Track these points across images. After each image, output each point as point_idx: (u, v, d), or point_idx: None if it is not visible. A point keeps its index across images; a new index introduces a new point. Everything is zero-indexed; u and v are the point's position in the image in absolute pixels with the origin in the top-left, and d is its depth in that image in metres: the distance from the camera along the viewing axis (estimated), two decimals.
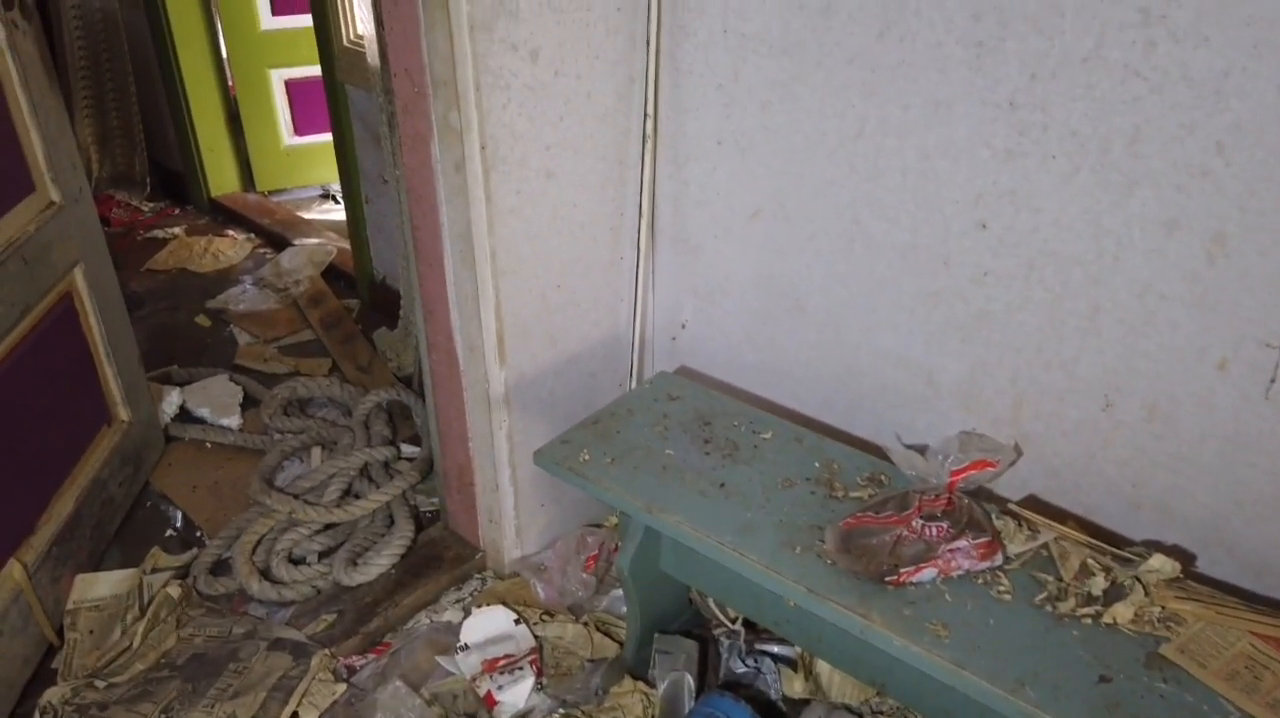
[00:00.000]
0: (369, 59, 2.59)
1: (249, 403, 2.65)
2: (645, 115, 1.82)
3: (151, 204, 4.02)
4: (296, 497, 2.16)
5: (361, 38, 2.71)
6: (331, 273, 3.42)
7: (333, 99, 2.90)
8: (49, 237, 1.90)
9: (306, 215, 3.94)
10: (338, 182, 4.15)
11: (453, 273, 1.77)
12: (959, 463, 1.42)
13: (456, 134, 1.59)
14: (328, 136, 3.98)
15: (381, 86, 1.90)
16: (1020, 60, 1.34)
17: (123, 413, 2.22)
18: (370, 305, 3.21)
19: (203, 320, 3.11)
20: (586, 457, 1.57)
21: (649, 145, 1.84)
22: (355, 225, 3.11)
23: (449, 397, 1.93)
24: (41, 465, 1.89)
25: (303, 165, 4.10)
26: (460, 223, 1.68)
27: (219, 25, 3.80)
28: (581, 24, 1.65)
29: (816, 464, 1.55)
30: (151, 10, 3.64)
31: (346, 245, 3.49)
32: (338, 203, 4.09)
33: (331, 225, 3.81)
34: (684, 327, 2.04)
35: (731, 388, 1.98)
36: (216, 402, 2.58)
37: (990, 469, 1.41)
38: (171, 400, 2.53)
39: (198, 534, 2.16)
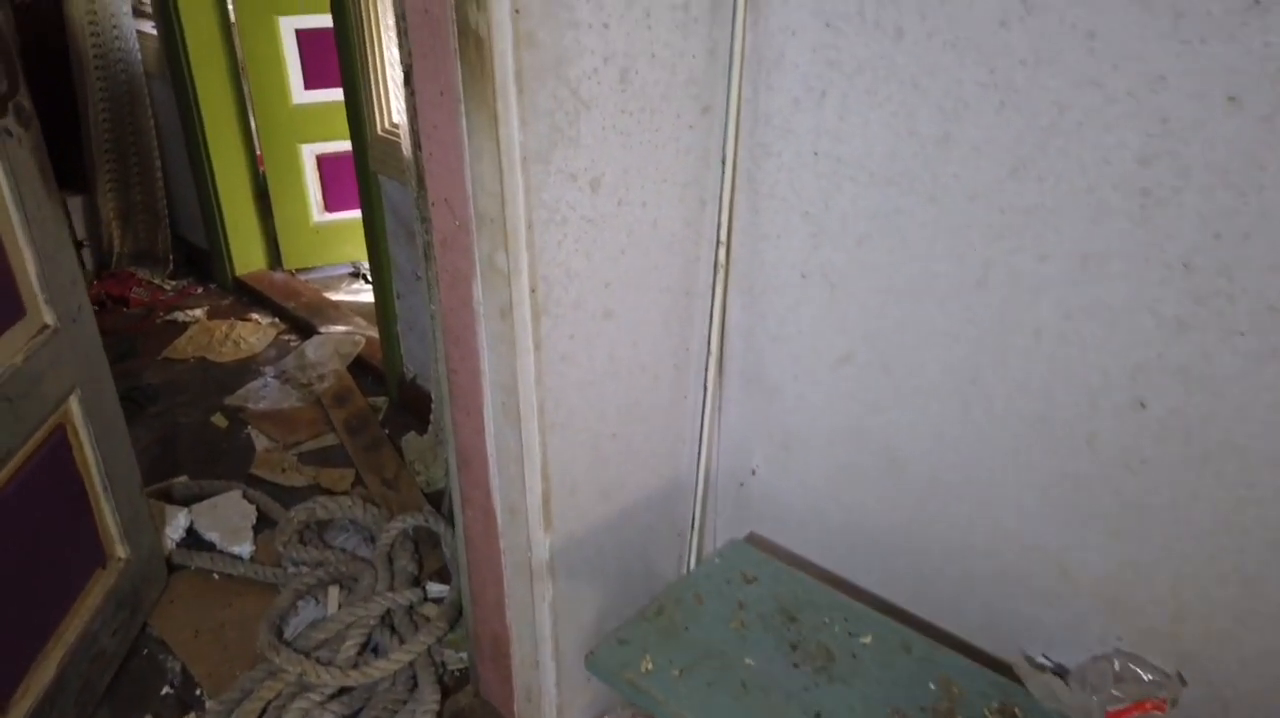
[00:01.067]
0: (404, 150, 2.38)
1: (264, 522, 2.42)
2: (718, 242, 1.58)
3: (174, 282, 3.85)
4: (309, 653, 1.90)
5: (397, 127, 2.51)
6: (359, 365, 3.20)
7: (365, 189, 2.70)
8: (40, 366, 1.69)
9: (334, 297, 3.74)
10: (367, 260, 3.99)
11: (493, 425, 1.52)
12: (1117, 703, 1.14)
13: (504, 277, 1.35)
14: (358, 213, 3.84)
15: (419, 215, 1.68)
16: (1201, 216, 1.08)
17: (120, 550, 1.99)
18: (399, 405, 2.98)
19: (219, 420, 2.90)
20: (649, 666, 1.30)
21: (721, 275, 1.60)
22: (385, 321, 2.89)
23: (484, 559, 1.68)
24: (20, 629, 1.66)
25: (332, 242, 3.91)
26: (504, 373, 1.44)
27: (249, 99, 3.64)
28: (650, 146, 1.42)
29: (931, 686, 1.27)
30: (179, 83, 3.49)
31: (375, 334, 3.28)
32: (368, 282, 3.89)
33: (360, 309, 3.60)
34: (754, 473, 1.78)
35: (810, 563, 1.71)
36: (227, 524, 2.34)
37: (1158, 714, 1.13)
38: (178, 524, 2.30)
39: (198, 693, 1.91)
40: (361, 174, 2.69)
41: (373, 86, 2.53)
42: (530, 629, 1.66)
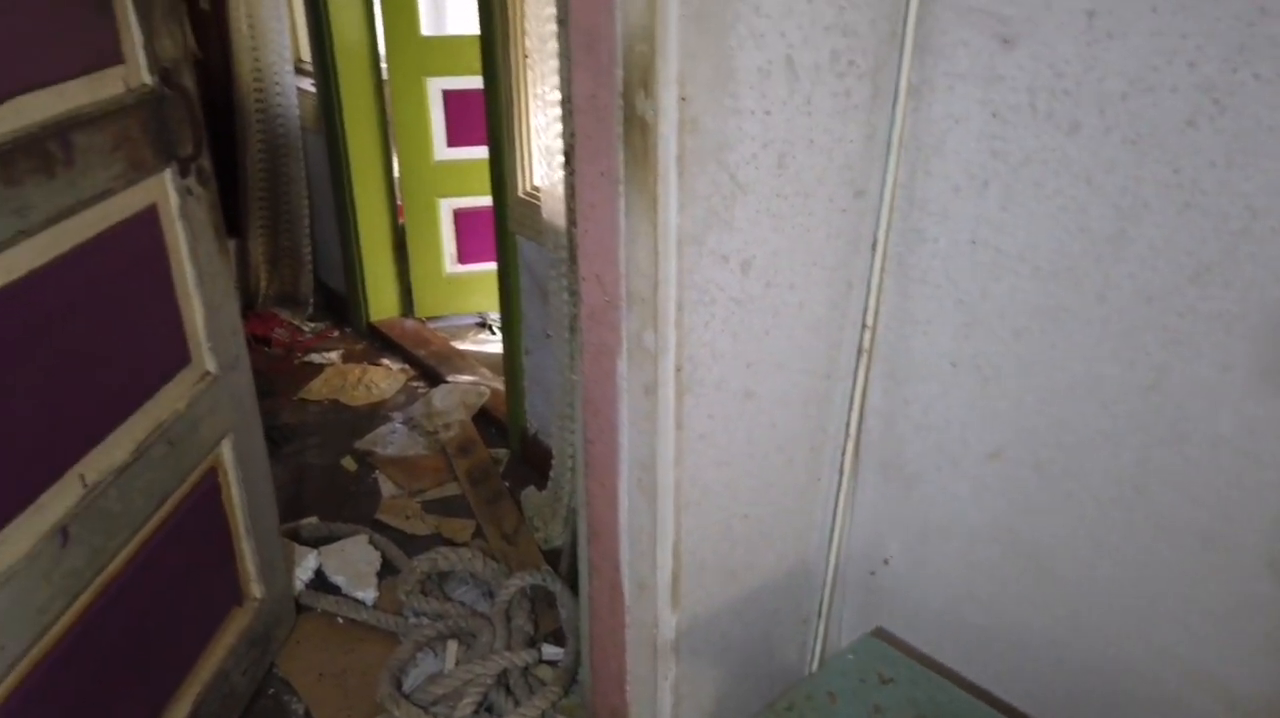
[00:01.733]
0: (544, 214, 2.44)
1: (387, 568, 2.47)
2: (863, 326, 1.55)
3: (313, 325, 4.02)
4: (428, 708, 1.92)
5: (538, 190, 2.58)
6: (482, 416, 3.26)
7: (502, 248, 2.78)
8: (199, 411, 1.77)
9: (462, 346, 3.84)
10: (495, 311, 4.09)
11: (627, 499, 1.52)
12: None
13: (650, 356, 1.35)
14: (489, 266, 3.94)
15: (568, 287, 1.71)
16: None
17: (256, 590, 2.06)
18: (520, 458, 3.02)
19: (348, 464, 2.99)
20: None
21: (864, 359, 1.57)
22: (512, 375, 2.95)
23: (608, 632, 1.67)
24: (162, 667, 1.72)
25: (462, 293, 4.03)
26: (643, 450, 1.44)
27: (394, 154, 3.81)
28: (801, 229, 1.41)
29: None
30: (332, 137, 3.68)
31: (499, 386, 3.35)
32: (493, 333, 3.99)
33: (485, 360, 3.68)
34: (886, 563, 1.72)
35: (944, 665, 1.63)
36: (353, 569, 2.40)
37: None
38: (307, 566, 2.37)
39: None
40: (500, 233, 2.76)
41: (517, 151, 2.60)
42: (650, 708, 1.63)
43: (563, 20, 1.32)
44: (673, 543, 1.48)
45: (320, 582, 2.40)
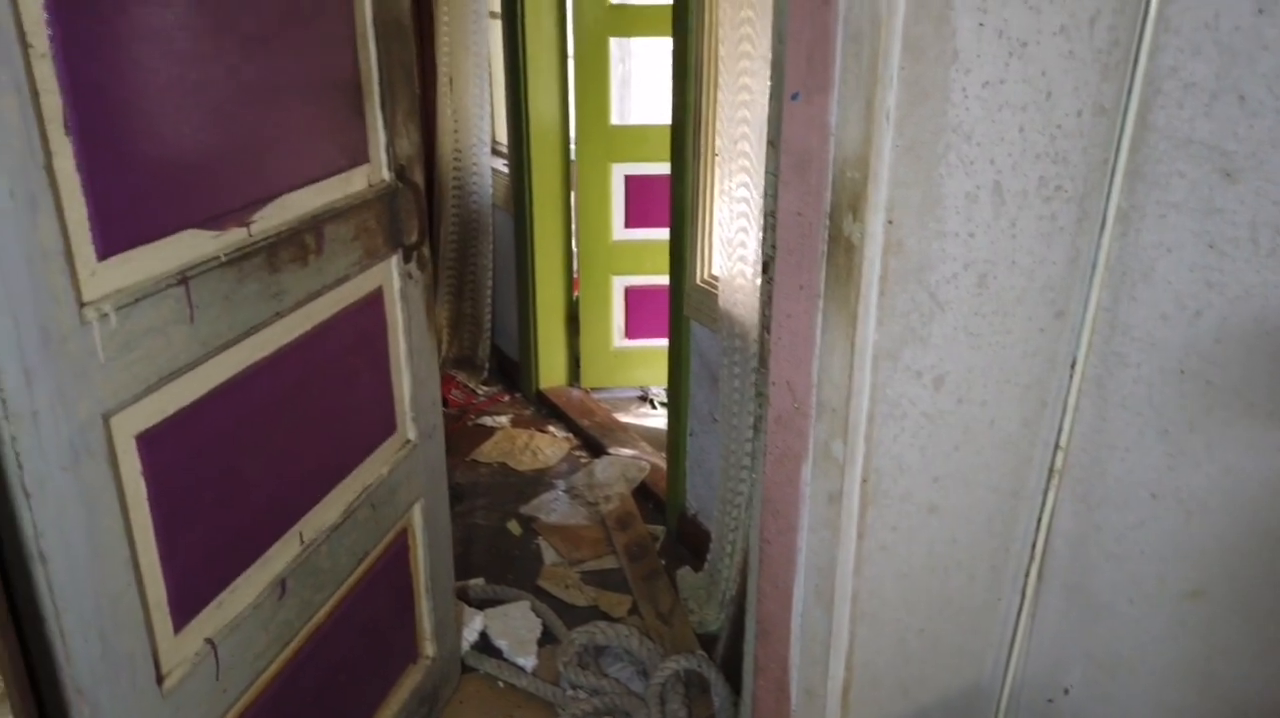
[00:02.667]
0: (720, 303, 2.51)
1: (546, 636, 2.54)
2: (1056, 447, 1.52)
3: (486, 388, 4.23)
4: None
5: (715, 279, 2.66)
6: (642, 491, 3.33)
7: (675, 331, 2.86)
8: (399, 477, 1.91)
9: (624, 418, 3.94)
10: (657, 386, 4.19)
11: (801, 605, 1.53)
12: None
13: (837, 465, 1.37)
14: (655, 342, 4.06)
15: (756, 388, 1.75)
16: None
17: (429, 648, 2.16)
18: (677, 538, 3.05)
19: (514, 527, 3.11)
20: None
21: (1055, 481, 1.53)
22: (675, 454, 3.00)
23: None
24: (346, 717, 1.84)
25: (627, 367, 4.15)
26: (822, 557, 1.45)
27: (575, 232, 4.01)
28: (997, 347, 1.41)
29: None
30: (519, 214, 3.91)
31: (659, 462, 3.42)
32: (655, 408, 4.08)
33: (647, 434, 3.77)
34: (1066, 693, 1.64)
35: None
36: (515, 634, 2.49)
37: None
38: (473, 627, 2.47)
39: None
40: (675, 317, 2.85)
41: (698, 241, 2.70)
42: None
43: (773, 141, 1.39)
44: (846, 653, 1.48)
45: (484, 644, 2.49)
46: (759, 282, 2.37)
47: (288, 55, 1.44)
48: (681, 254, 2.77)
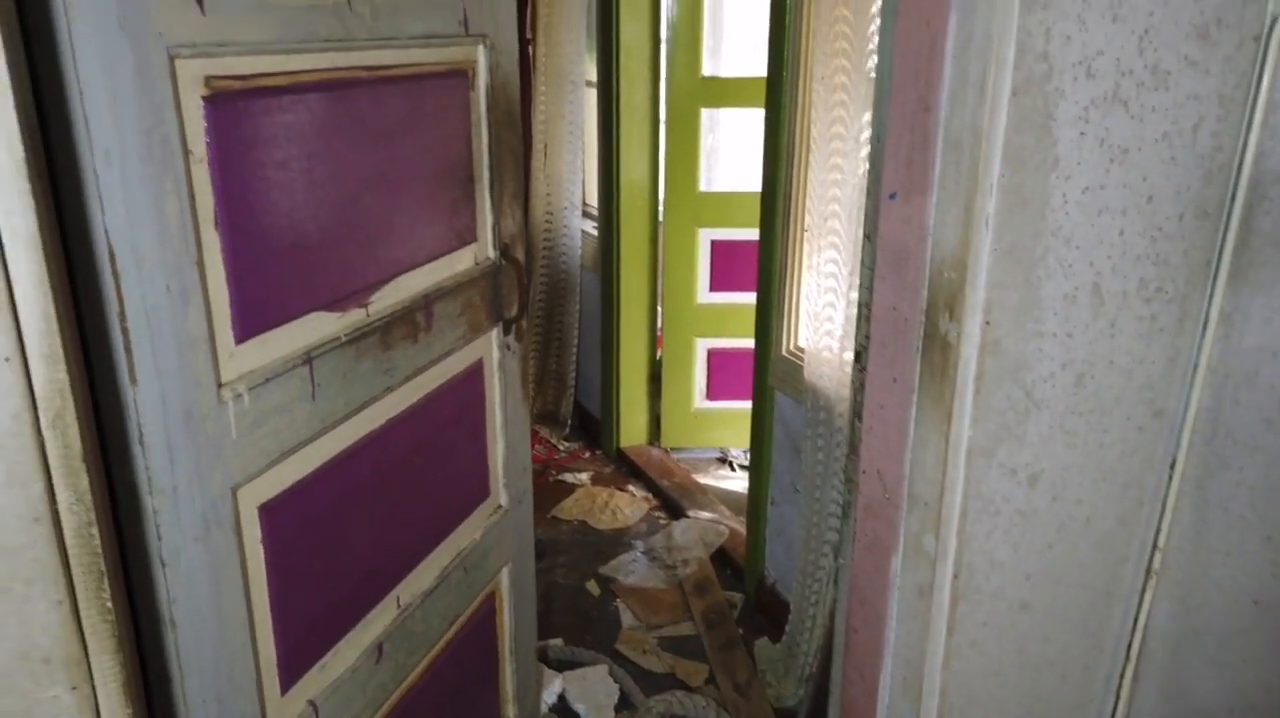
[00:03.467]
0: (805, 375, 2.53)
1: (623, 701, 2.55)
2: (1153, 547, 1.49)
3: (567, 444, 4.30)
4: None
5: (800, 351, 2.68)
6: (720, 556, 3.33)
7: (759, 399, 2.89)
8: (490, 542, 1.97)
9: (703, 480, 3.96)
10: (736, 447, 4.21)
11: (887, 697, 1.52)
12: None
13: (928, 559, 1.38)
14: (735, 403, 4.09)
15: (845, 474, 1.77)
16: None
17: (511, 710, 2.20)
18: (755, 606, 3.04)
19: (592, 588, 3.14)
20: None
21: (1152, 581, 1.50)
22: (755, 522, 3.01)
23: None
24: None
25: (707, 428, 4.17)
26: (910, 650, 1.45)
27: (660, 293, 4.08)
28: (1094, 445, 1.40)
29: None
30: (606, 275, 4.00)
31: (738, 527, 3.42)
32: (734, 470, 4.09)
33: (726, 497, 3.77)
34: None
35: None
36: (593, 698, 2.51)
37: None
38: (552, 690, 2.50)
39: None
40: (759, 386, 2.88)
41: (785, 313, 2.73)
42: None
43: (869, 236, 1.42)
44: None
45: (562, 707, 2.51)
46: (845, 357, 2.39)
47: (410, 148, 1.53)
48: (767, 325, 2.80)
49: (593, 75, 3.97)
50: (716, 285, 3.99)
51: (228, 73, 1.14)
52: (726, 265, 3.95)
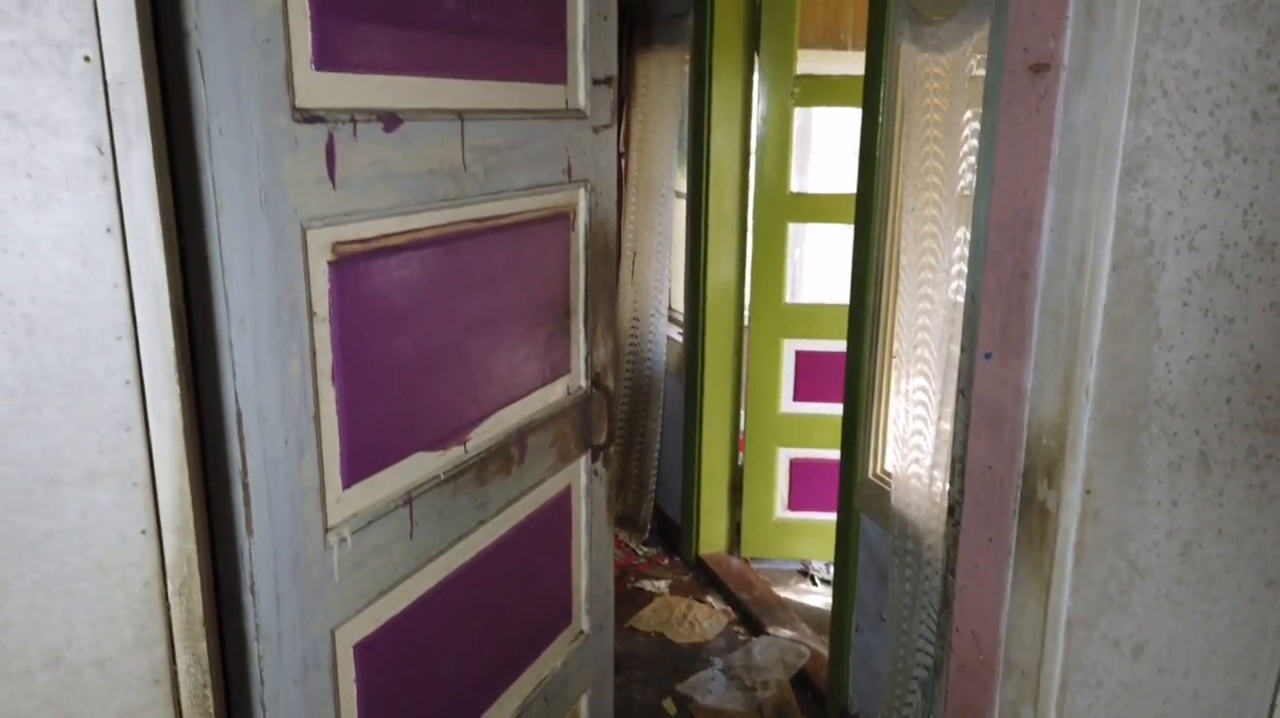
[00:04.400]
0: (892, 501, 2.49)
1: None
2: None
3: (646, 549, 4.27)
4: None
5: (888, 475, 2.64)
6: (800, 679, 3.24)
7: (844, 522, 2.84)
8: (570, 669, 1.96)
9: (783, 593, 3.88)
10: (818, 560, 4.12)
11: None
12: None
13: None
14: (817, 515, 4.02)
15: (938, 629, 1.73)
16: None
17: None
18: None
19: (669, 706, 3.08)
20: None
21: None
22: (838, 649, 2.93)
23: None
24: None
25: (788, 538, 4.11)
26: None
27: (743, 402, 4.08)
28: (1203, 616, 1.34)
29: None
30: (690, 382, 4.03)
31: (819, 648, 3.33)
32: (815, 584, 4.00)
33: (807, 614, 3.68)
34: None
35: None
36: None
37: None
38: None
39: None
40: (843, 509, 2.84)
41: (872, 436, 2.70)
42: None
43: (963, 391, 1.42)
44: None
45: None
46: (935, 487, 2.35)
47: (512, 288, 1.60)
48: (853, 447, 2.77)
49: (682, 187, 4.08)
50: (800, 395, 3.97)
51: (352, 237, 1.21)
52: (810, 376, 3.94)
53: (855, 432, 2.76)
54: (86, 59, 0.73)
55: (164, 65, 0.92)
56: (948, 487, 1.58)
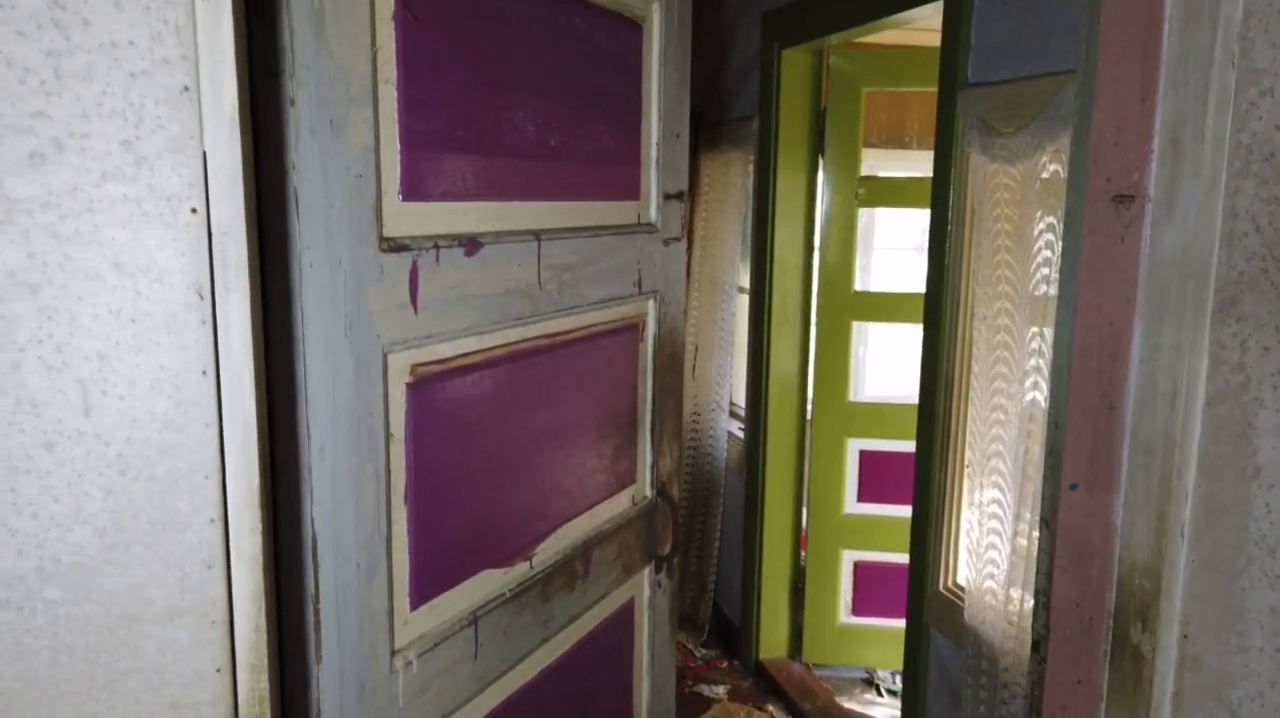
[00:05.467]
0: (965, 616, 2.40)
1: None
2: None
3: (704, 651, 4.16)
4: None
5: (960, 589, 2.55)
6: None
7: (912, 637, 2.74)
8: None
9: (848, 704, 3.73)
10: (884, 669, 3.97)
11: None
12: None
13: None
14: (883, 621, 3.89)
15: None
16: None
17: None
18: None
19: None
20: None
21: None
22: None
23: None
24: None
25: (853, 645, 3.97)
26: None
27: (806, 502, 4.00)
28: None
29: None
30: (751, 479, 3.97)
31: None
32: (880, 695, 3.84)
33: None
34: None
35: None
36: None
37: None
38: None
39: None
40: (912, 622, 2.74)
41: (943, 548, 2.62)
42: None
43: (1047, 522, 1.37)
44: None
45: None
46: (1011, 606, 2.25)
47: (580, 400, 1.60)
48: (923, 558, 2.69)
49: (745, 282, 4.09)
50: (865, 496, 3.88)
51: (430, 359, 1.23)
52: (875, 476, 3.85)
53: (925, 542, 2.68)
54: (193, 210, 0.76)
55: (261, 203, 0.95)
56: (1031, 618, 1.51)
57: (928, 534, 2.67)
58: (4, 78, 0.70)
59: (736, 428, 4.23)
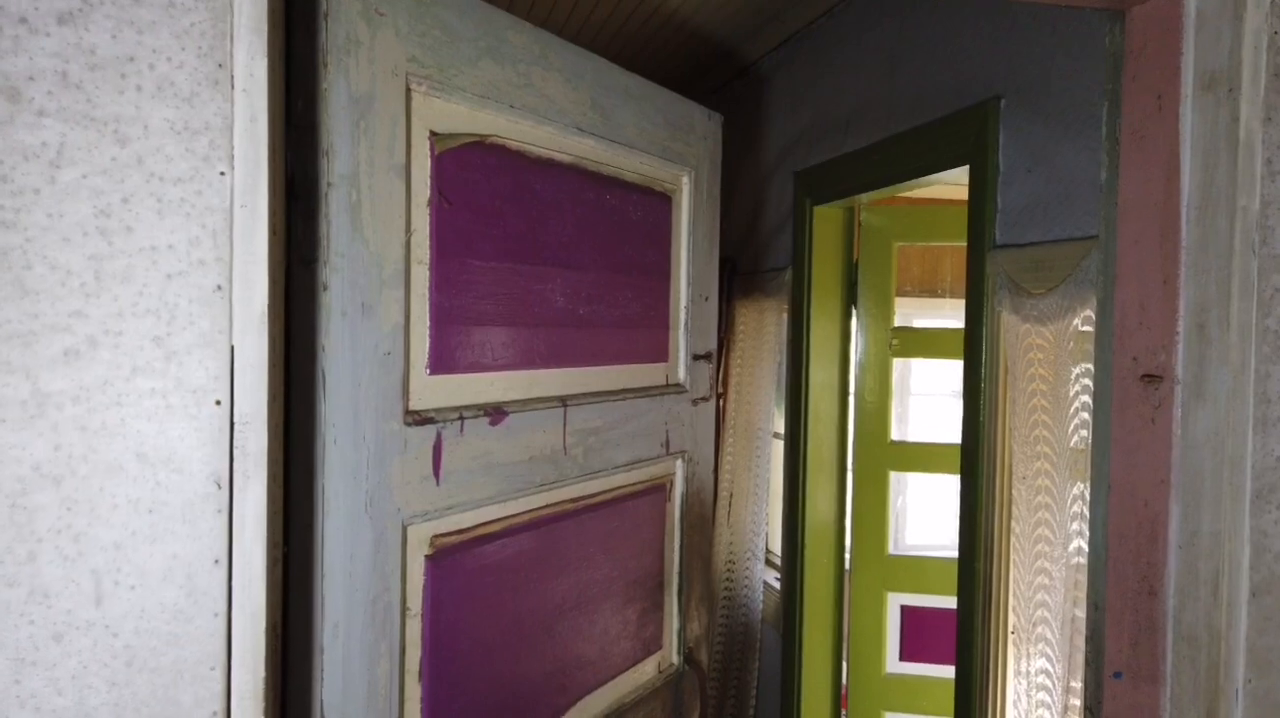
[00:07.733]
0: None
1: None
2: None
3: None
4: None
5: None
6: None
7: None
8: None
9: None
10: None
11: None
12: None
13: None
14: None
15: None
16: None
17: None
18: None
19: None
20: None
21: None
22: None
23: None
24: None
25: None
26: None
27: (845, 661, 3.85)
28: None
29: None
30: (787, 635, 3.83)
31: None
32: None
33: None
34: None
35: None
36: None
37: None
38: None
39: None
40: None
41: (988, 712, 2.48)
42: None
43: (1091, 709, 1.29)
44: None
45: None
46: None
47: (605, 565, 1.58)
48: (968, 707, 2.54)
49: (780, 428, 4.07)
50: (907, 654, 3.72)
51: (451, 529, 1.23)
52: (918, 634, 3.71)
53: (970, 712, 2.54)
54: (218, 403, 0.78)
55: (290, 385, 0.97)
56: None
57: (972, 704, 2.54)
58: (46, 281, 0.74)
59: (773, 577, 4.12)
